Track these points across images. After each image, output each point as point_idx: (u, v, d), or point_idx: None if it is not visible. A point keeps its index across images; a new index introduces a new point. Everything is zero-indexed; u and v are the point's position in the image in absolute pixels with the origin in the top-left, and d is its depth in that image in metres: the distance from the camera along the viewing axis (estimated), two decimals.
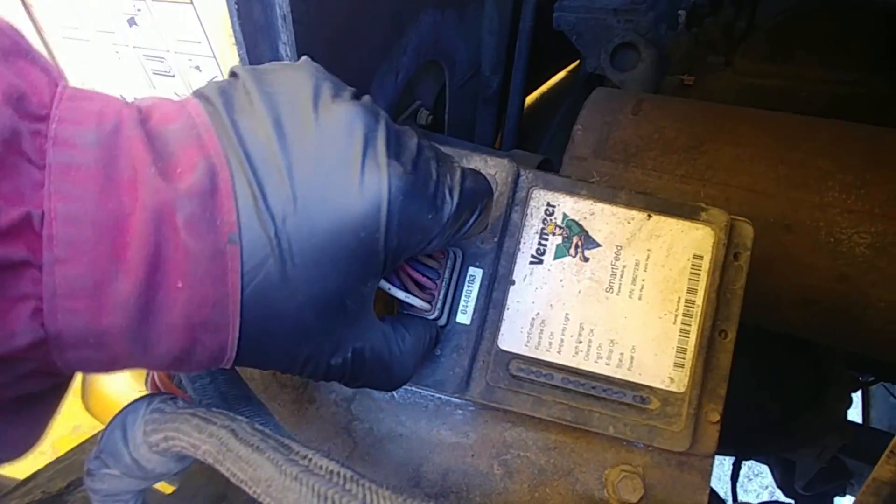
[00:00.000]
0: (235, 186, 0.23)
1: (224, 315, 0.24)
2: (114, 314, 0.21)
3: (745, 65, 0.82)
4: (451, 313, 0.38)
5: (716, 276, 0.38)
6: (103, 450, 0.25)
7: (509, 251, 0.39)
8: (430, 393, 0.40)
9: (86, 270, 0.21)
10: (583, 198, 0.39)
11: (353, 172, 0.25)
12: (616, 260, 0.39)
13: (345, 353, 0.28)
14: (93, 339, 0.22)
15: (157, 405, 0.25)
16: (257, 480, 0.22)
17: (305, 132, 0.25)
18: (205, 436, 0.23)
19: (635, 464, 0.39)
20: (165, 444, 0.24)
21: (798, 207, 0.57)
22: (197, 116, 0.25)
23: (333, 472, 0.23)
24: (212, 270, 0.23)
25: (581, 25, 1.01)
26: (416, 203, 0.27)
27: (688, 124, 0.66)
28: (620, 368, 0.38)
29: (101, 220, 0.21)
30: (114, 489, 0.25)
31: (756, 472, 1.83)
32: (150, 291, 0.22)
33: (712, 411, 0.38)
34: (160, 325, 0.23)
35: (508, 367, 0.38)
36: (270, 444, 0.24)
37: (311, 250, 0.24)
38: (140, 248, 0.22)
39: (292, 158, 0.24)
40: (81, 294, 0.21)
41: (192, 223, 0.22)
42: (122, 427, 0.25)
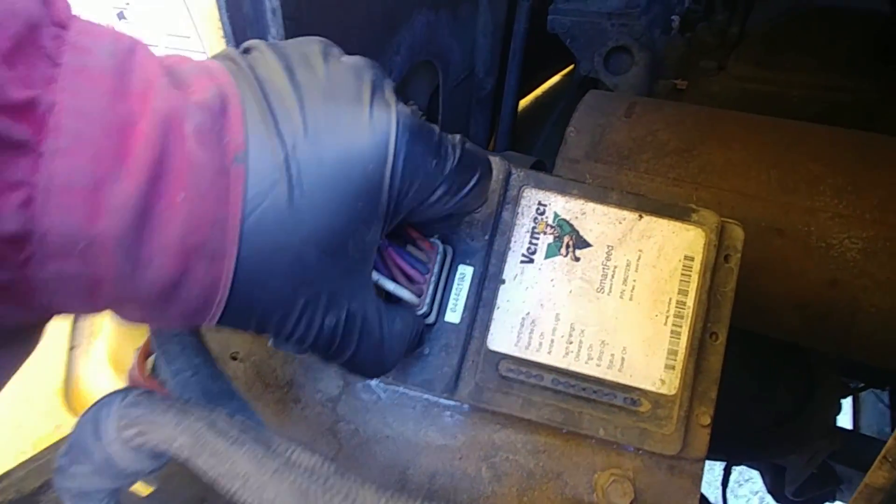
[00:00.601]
0: (245, 110, 0.23)
1: (222, 239, 0.23)
2: (109, 217, 0.20)
3: (737, 69, 0.82)
4: (441, 311, 0.37)
5: (706, 278, 0.38)
6: (73, 445, 0.24)
7: (500, 250, 0.38)
8: (418, 394, 0.40)
9: (87, 165, 0.20)
10: (574, 197, 0.39)
11: (362, 107, 0.25)
12: (607, 260, 0.38)
13: (339, 313, 0.27)
14: (82, 245, 0.20)
15: (133, 399, 0.24)
16: (234, 476, 0.21)
17: (316, 75, 0.26)
18: (180, 429, 0.22)
19: (625, 467, 0.39)
20: (140, 439, 0.23)
21: (789, 211, 0.57)
22: (210, 63, 0.25)
23: (316, 466, 0.22)
24: (215, 187, 0.22)
25: (575, 29, 1.01)
26: (421, 145, 0.27)
27: (680, 127, 0.66)
28: (611, 370, 0.37)
29: (109, 119, 0.21)
30: (85, 487, 0.24)
31: (746, 478, 1.83)
32: (150, 198, 0.21)
33: (703, 414, 0.38)
34: (156, 240, 0.22)
35: (498, 368, 0.38)
36: (250, 436, 0.23)
37: (319, 179, 0.24)
38: (145, 151, 0.21)
39: (303, 94, 0.25)
40: (79, 190, 0.20)
41: (200, 133, 0.22)
42: (95, 422, 0.24)
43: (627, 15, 0.94)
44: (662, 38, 0.93)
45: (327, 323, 0.27)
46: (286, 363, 0.42)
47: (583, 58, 1.01)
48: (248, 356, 0.43)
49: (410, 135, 0.26)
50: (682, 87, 0.86)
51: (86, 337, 0.71)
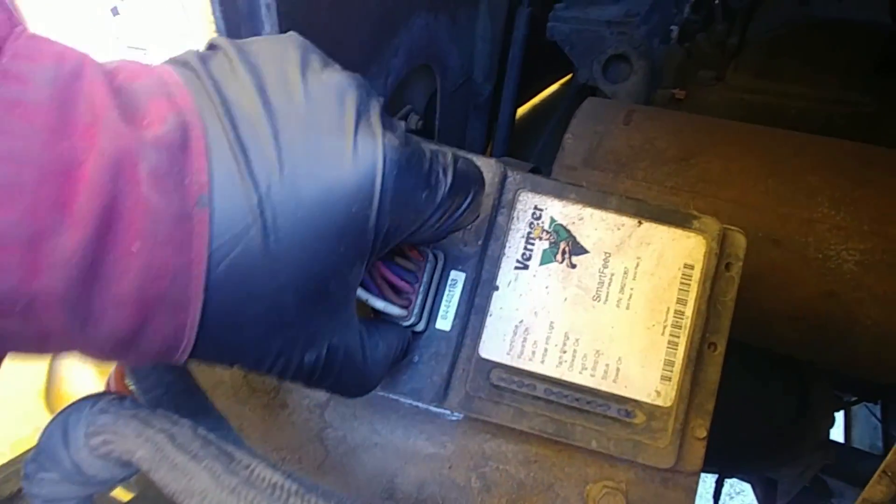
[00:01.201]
0: (210, 145, 0.21)
1: (185, 290, 0.21)
2: (51, 275, 0.18)
3: (736, 80, 0.82)
4: (431, 318, 0.36)
5: (706, 287, 0.37)
6: (41, 451, 0.23)
7: (494, 255, 0.37)
8: (407, 401, 0.39)
9: (21, 217, 0.18)
10: (571, 202, 0.38)
11: (345, 140, 0.23)
12: (604, 267, 0.37)
13: (320, 349, 0.26)
14: (21, 304, 0.18)
15: (103, 405, 0.23)
16: (190, 492, 0.20)
17: (293, 99, 0.23)
18: (141, 440, 0.21)
19: (618, 479, 0.38)
20: (105, 447, 0.22)
21: (787, 222, 0.57)
22: (168, 77, 0.22)
23: (277, 484, 0.21)
24: (175, 235, 0.20)
25: (574, 36, 1.01)
26: (410, 179, 0.25)
27: (678, 136, 0.66)
28: (605, 380, 0.37)
29: (47, 162, 0.18)
30: (54, 495, 0.23)
31: (738, 491, 1.82)
32: (98, 252, 0.19)
33: (699, 427, 0.37)
34: (107, 295, 0.19)
35: (489, 377, 0.37)
36: (211, 451, 0.21)
37: (297, 224, 0.22)
38: (91, 199, 0.19)
39: (278, 124, 0.22)
40: (13, 246, 0.18)
41: (156, 176, 0.20)
42: (63, 427, 0.23)
43: (626, 24, 0.94)
44: (661, 47, 0.93)
45: (307, 360, 0.25)
46: None
47: (581, 65, 1.00)
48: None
49: (398, 169, 0.24)
50: (680, 97, 0.86)
51: None
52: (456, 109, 1.05)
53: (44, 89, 0.19)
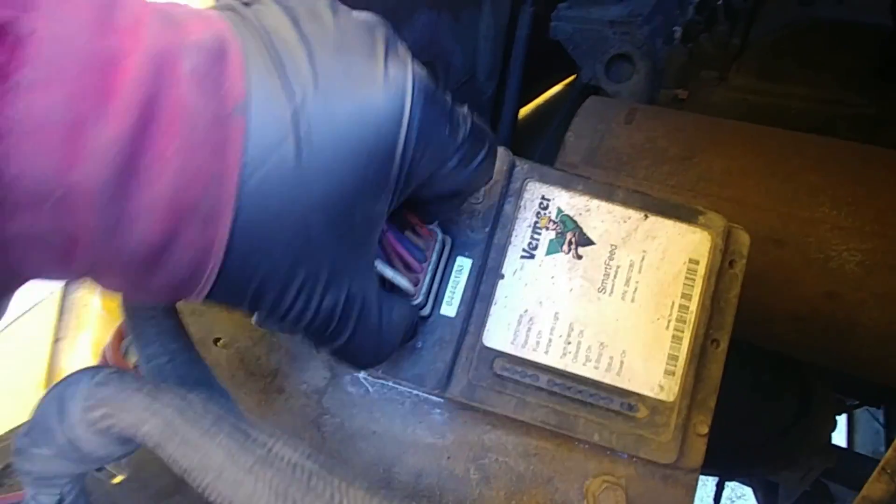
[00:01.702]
0: (247, 57, 0.21)
1: (217, 199, 0.20)
2: (90, 163, 0.18)
3: (738, 81, 0.82)
4: (436, 304, 0.36)
5: (711, 283, 0.37)
6: (35, 426, 0.22)
7: (500, 243, 0.37)
8: (408, 389, 0.38)
9: (67, 101, 0.17)
10: (579, 193, 0.37)
11: (376, 62, 0.23)
12: (610, 259, 0.37)
13: (339, 293, 0.25)
14: (58, 194, 0.18)
15: (102, 377, 0.22)
16: (205, 469, 0.19)
17: (325, 28, 0.23)
18: (149, 413, 0.20)
19: (618, 475, 0.38)
20: (106, 421, 0.21)
21: (788, 222, 0.57)
22: (204, 10, 0.23)
23: (297, 464, 0.20)
24: (212, 138, 0.20)
25: (577, 36, 1.01)
26: (435, 111, 0.25)
27: (680, 135, 0.66)
28: (609, 373, 0.36)
29: (93, 52, 0.18)
30: (46, 472, 0.22)
31: (739, 495, 1.82)
32: (137, 145, 0.19)
33: (701, 423, 0.37)
34: (142, 194, 0.19)
35: (492, 366, 0.36)
36: (224, 427, 0.21)
37: (330, 138, 0.22)
38: (134, 91, 0.18)
39: (312, 46, 0.22)
40: (56, 129, 0.17)
41: (196, 76, 0.20)
42: (59, 401, 0.22)
43: (630, 23, 0.94)
44: (664, 47, 0.93)
45: (326, 303, 0.25)
46: (272, 351, 0.40)
47: (584, 65, 1.00)
48: (232, 342, 0.41)
49: (426, 97, 0.24)
50: (682, 97, 0.86)
51: (71, 329, 0.68)
52: None
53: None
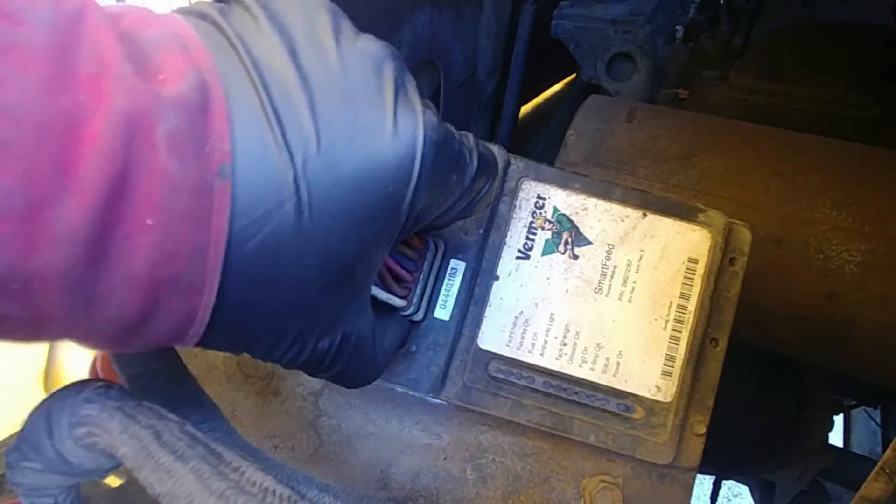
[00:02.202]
0: (233, 109, 0.19)
1: (201, 271, 0.19)
2: (51, 251, 0.16)
3: (739, 81, 0.82)
4: (430, 308, 0.35)
5: (710, 282, 0.37)
6: (24, 440, 0.22)
7: (495, 244, 0.37)
8: (404, 391, 0.38)
9: (16, 182, 0.15)
10: (575, 192, 0.37)
11: (385, 114, 0.21)
12: (607, 259, 0.37)
13: (335, 336, 0.24)
14: (16, 284, 0.16)
15: (88, 394, 0.22)
16: (176, 496, 0.18)
17: (328, 65, 0.21)
18: (126, 435, 0.20)
19: (615, 474, 0.38)
20: (90, 439, 0.21)
21: (788, 222, 0.57)
22: (181, 28, 0.20)
23: (268, 490, 0.19)
24: (193, 209, 0.18)
25: (579, 34, 1.00)
26: (445, 159, 0.24)
27: (681, 134, 0.65)
28: (606, 374, 0.36)
29: (47, 118, 0.16)
30: (37, 484, 0.22)
31: (735, 493, 1.82)
32: (106, 225, 0.17)
33: (698, 423, 0.37)
34: (114, 275, 0.17)
35: (487, 368, 0.36)
36: (198, 451, 0.20)
37: (332, 202, 0.20)
38: (100, 163, 0.16)
39: (314, 92, 0.20)
40: (7, 215, 0.15)
41: (175, 141, 0.17)
42: (47, 416, 0.22)
43: (631, 22, 0.94)
44: (666, 47, 0.93)
45: (320, 347, 0.24)
46: None
47: (585, 64, 1.00)
48: None
49: (437, 147, 0.22)
50: (683, 97, 0.86)
51: None
52: (459, 106, 1.04)
53: (42, 33, 0.16)
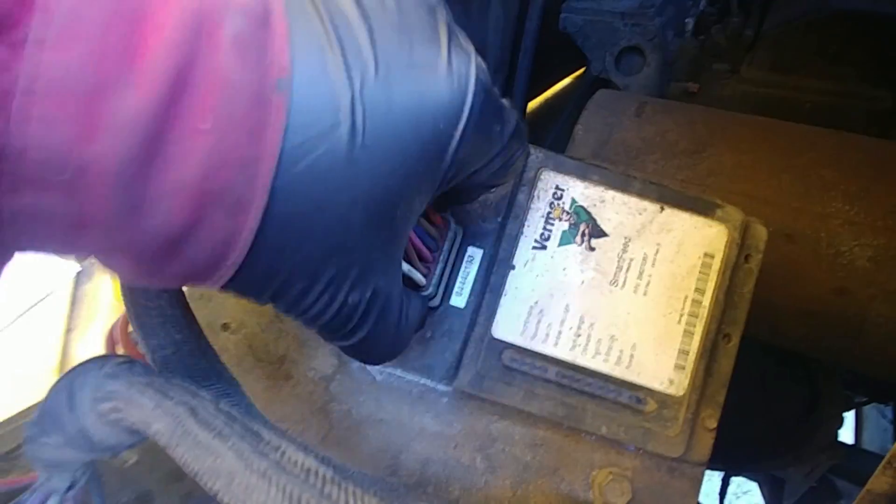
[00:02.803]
0: (292, 25, 0.18)
1: (249, 185, 0.18)
2: (110, 138, 0.16)
3: (751, 74, 0.81)
4: (446, 294, 0.35)
5: (725, 278, 0.36)
6: (44, 414, 0.21)
7: (512, 233, 0.37)
8: (416, 378, 0.38)
9: (85, 60, 0.15)
10: (594, 183, 0.37)
11: (440, 52, 0.21)
12: (623, 252, 0.37)
13: (366, 290, 0.23)
14: (69, 171, 0.16)
15: (111, 369, 0.21)
16: (217, 473, 0.18)
17: (385, 2, 0.21)
18: (158, 413, 0.20)
19: (624, 467, 0.38)
20: (115, 415, 0.21)
21: (799, 217, 0.56)
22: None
23: (311, 470, 0.19)
24: (251, 118, 0.18)
25: (587, 27, 1.00)
26: (490, 107, 0.23)
27: (691, 129, 0.65)
28: (619, 366, 0.36)
29: (118, 4, 0.15)
30: (56, 460, 0.22)
31: (744, 490, 1.82)
32: (165, 121, 0.16)
33: (709, 417, 0.37)
34: (166, 177, 0.17)
35: (501, 357, 0.36)
36: (237, 429, 0.20)
37: (385, 130, 0.20)
38: (167, 52, 0.16)
39: (372, 22, 0.20)
40: (73, 94, 0.15)
41: (239, 44, 0.17)
42: (69, 391, 0.22)
43: (641, 15, 0.93)
44: (676, 40, 0.92)
45: (351, 300, 0.23)
46: (280, 337, 0.40)
47: (594, 58, 0.99)
48: (240, 327, 0.41)
49: (485, 93, 0.22)
50: (693, 91, 0.85)
51: (82, 320, 0.68)
52: None
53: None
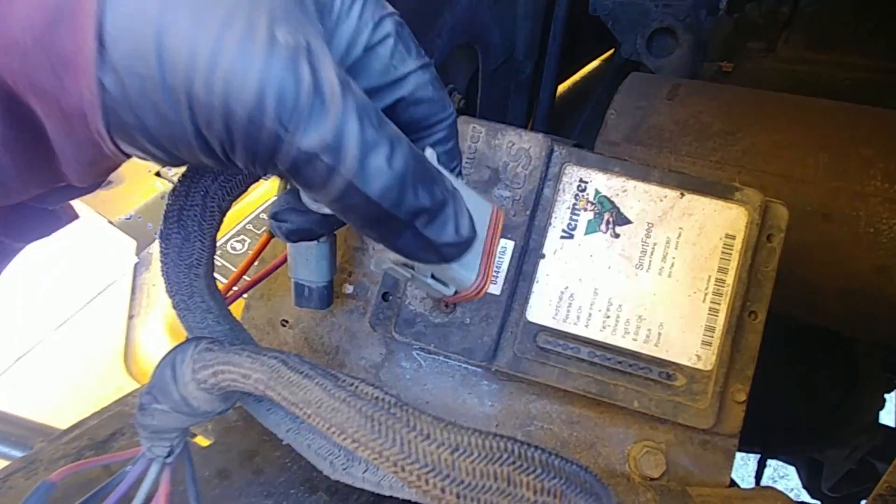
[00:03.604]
0: None
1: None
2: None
3: (787, 52, 0.80)
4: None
5: (747, 257, 0.38)
6: (154, 385, 0.27)
7: (540, 225, 0.39)
8: (458, 363, 0.41)
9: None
10: (615, 175, 0.39)
11: None
12: (647, 237, 0.39)
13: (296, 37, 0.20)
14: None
15: (206, 346, 0.27)
16: (308, 402, 0.23)
17: None
18: (256, 365, 0.25)
19: (658, 440, 0.40)
20: (214, 379, 0.25)
21: (837, 196, 0.56)
22: None
23: (378, 398, 0.24)
24: None
25: (618, 10, 0.99)
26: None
27: (724, 110, 0.65)
28: (647, 344, 0.38)
29: None
30: (162, 425, 0.27)
31: (781, 475, 1.80)
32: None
33: (739, 391, 0.38)
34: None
35: (536, 339, 0.39)
36: (318, 372, 0.25)
37: None
38: None
39: None
40: None
41: None
42: (172, 365, 0.27)
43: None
44: (709, 19, 0.91)
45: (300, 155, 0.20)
46: (332, 330, 0.44)
47: (624, 40, 0.99)
48: (297, 323, 0.46)
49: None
50: (727, 70, 0.84)
51: (143, 307, 0.76)
52: (497, 87, 1.06)
53: None
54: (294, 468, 0.39)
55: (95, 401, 0.75)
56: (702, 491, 0.38)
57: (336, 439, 0.22)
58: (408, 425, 0.22)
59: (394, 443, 0.21)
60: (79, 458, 0.38)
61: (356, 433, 0.22)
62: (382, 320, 0.40)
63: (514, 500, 0.20)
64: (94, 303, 0.76)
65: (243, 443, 0.42)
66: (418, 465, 0.21)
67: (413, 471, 0.21)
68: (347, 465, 0.34)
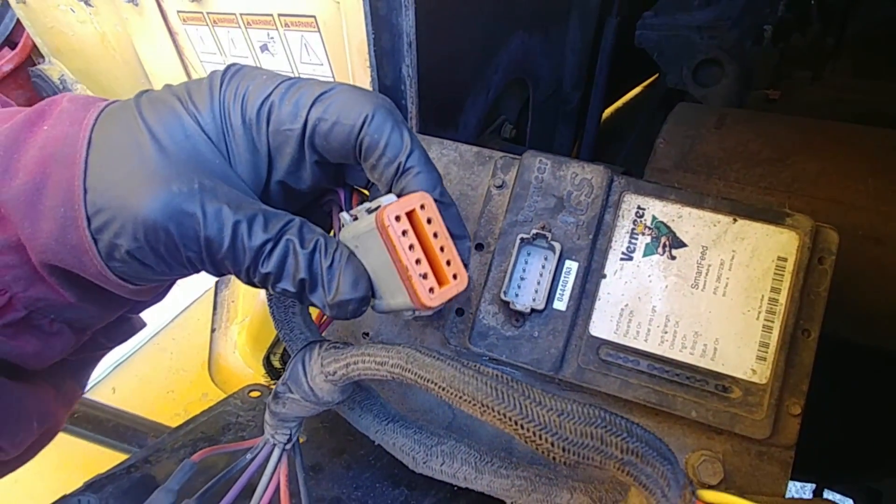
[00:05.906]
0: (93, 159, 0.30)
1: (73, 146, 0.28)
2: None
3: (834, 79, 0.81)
4: (549, 300, 0.43)
5: (800, 278, 0.41)
6: (289, 378, 0.33)
7: (602, 248, 0.43)
8: (524, 373, 0.45)
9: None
10: (671, 202, 0.43)
11: None
12: (702, 259, 0.42)
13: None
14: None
15: (330, 346, 0.32)
16: (442, 378, 0.28)
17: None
18: (393, 353, 0.30)
19: (716, 450, 0.42)
20: (345, 370, 0.31)
21: (889, 220, 0.58)
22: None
23: (498, 376, 0.29)
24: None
25: (663, 43, 1.03)
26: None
27: (772, 138, 0.67)
28: (704, 358, 0.41)
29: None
30: (289, 413, 0.33)
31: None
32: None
33: (794, 404, 0.41)
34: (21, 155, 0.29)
35: (598, 352, 0.42)
36: (444, 357, 0.30)
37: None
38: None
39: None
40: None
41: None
42: (302, 362, 0.32)
43: (717, 27, 0.95)
44: (754, 49, 0.94)
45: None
46: (409, 342, 0.49)
47: (670, 71, 1.02)
48: (377, 335, 0.51)
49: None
50: (774, 98, 0.86)
51: (223, 322, 0.83)
52: (546, 117, 1.11)
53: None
54: (378, 465, 0.43)
55: (186, 405, 0.82)
56: (759, 499, 0.40)
57: (465, 407, 0.28)
58: (524, 395, 0.27)
59: (514, 407, 0.27)
60: (195, 449, 0.44)
61: (485, 398, 0.27)
62: (456, 333, 0.45)
63: (605, 456, 0.24)
64: (183, 316, 0.84)
65: (332, 441, 0.47)
66: (534, 424, 0.26)
67: (530, 428, 0.26)
68: (427, 460, 0.39)
